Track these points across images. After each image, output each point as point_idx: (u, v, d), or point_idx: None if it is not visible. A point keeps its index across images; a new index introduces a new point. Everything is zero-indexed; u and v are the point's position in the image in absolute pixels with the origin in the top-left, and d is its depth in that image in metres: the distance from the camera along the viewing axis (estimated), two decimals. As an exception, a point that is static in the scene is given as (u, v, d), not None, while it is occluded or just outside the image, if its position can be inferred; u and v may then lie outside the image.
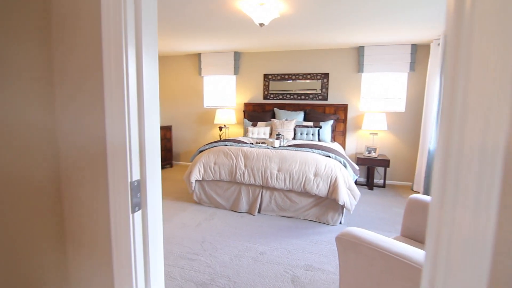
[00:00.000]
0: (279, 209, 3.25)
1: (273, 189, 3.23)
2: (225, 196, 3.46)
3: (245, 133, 4.99)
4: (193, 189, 3.54)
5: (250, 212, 3.33)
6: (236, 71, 5.42)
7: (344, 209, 3.03)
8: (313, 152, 3.29)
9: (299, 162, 3.12)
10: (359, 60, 4.70)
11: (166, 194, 4.03)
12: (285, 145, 3.74)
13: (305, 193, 3.12)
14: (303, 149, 3.35)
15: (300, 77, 5.10)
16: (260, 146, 3.58)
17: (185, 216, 3.23)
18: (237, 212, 3.38)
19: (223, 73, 5.49)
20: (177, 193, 4.07)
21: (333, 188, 2.93)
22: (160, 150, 5.37)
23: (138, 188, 0.84)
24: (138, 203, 0.85)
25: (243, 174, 3.27)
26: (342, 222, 3.10)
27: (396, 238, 1.77)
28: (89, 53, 0.89)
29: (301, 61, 5.09)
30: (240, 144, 3.63)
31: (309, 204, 3.14)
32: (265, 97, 5.37)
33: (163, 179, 4.82)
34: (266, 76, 5.31)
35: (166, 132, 5.59)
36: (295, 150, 3.34)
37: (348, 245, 1.22)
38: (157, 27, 0.91)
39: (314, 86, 5.05)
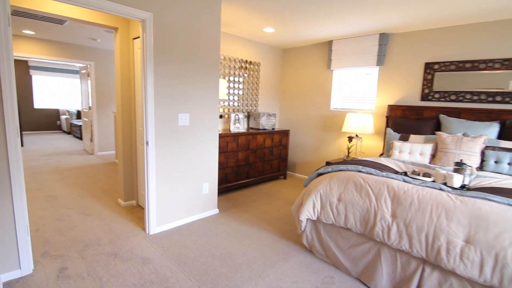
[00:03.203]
0: (459, 312, 1.69)
1: (451, 272, 1.70)
2: (352, 255, 2.16)
3: (388, 150, 3.44)
4: (302, 229, 2.42)
5: (394, 296, 1.92)
6: (381, 60, 3.89)
7: None
8: (562, 216, 1.53)
9: (525, 236, 1.47)
10: None
11: (268, 222, 3.08)
12: (476, 185, 2.06)
13: (535, 306, 1.45)
14: (529, 204, 1.63)
15: (497, 65, 3.08)
16: (424, 182, 2.07)
17: (285, 273, 2.15)
18: None
19: (360, 64, 4.08)
20: (283, 224, 3.05)
21: None
22: (274, 158, 4.54)
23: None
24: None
25: (388, 229, 1.89)
26: None
27: None
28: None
29: (497, 39, 3.07)
30: (384, 173, 2.23)
31: (544, 332, 1.45)
32: (424, 98, 3.61)
33: (270, 194, 3.94)
34: (428, 66, 3.55)
35: (282, 138, 4.70)
36: (508, 204, 1.67)
37: None
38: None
39: (526, 79, 2.93)
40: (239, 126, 4.30)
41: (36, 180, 4.27)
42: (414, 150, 3.06)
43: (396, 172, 2.32)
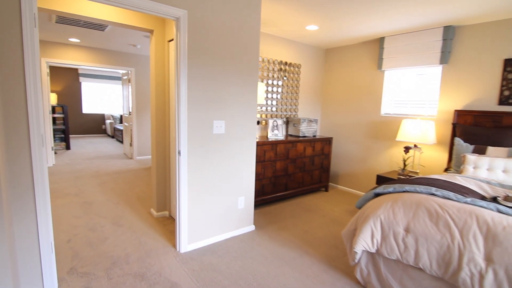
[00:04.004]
0: None
1: None
2: (423, 301, 1.70)
3: (457, 165, 2.87)
4: (356, 261, 2.01)
5: None
6: (445, 58, 3.32)
7: None
8: None
9: None
10: None
11: (311, 244, 2.69)
12: None
13: None
14: None
15: None
16: (527, 213, 1.55)
17: (338, 317, 1.76)
18: None
19: (419, 63, 3.54)
20: (329, 247, 2.64)
21: None
22: (315, 168, 4.12)
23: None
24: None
25: (480, 276, 1.42)
26: None
27: None
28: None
29: None
30: (469, 198, 1.74)
31: None
32: (503, 101, 2.98)
33: (311, 209, 3.53)
34: (510, 62, 2.92)
35: (324, 146, 4.28)
36: None
37: None
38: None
39: None
40: (277, 133, 3.98)
41: (76, 185, 4.33)
42: (495, 166, 2.48)
43: (483, 197, 1.81)
